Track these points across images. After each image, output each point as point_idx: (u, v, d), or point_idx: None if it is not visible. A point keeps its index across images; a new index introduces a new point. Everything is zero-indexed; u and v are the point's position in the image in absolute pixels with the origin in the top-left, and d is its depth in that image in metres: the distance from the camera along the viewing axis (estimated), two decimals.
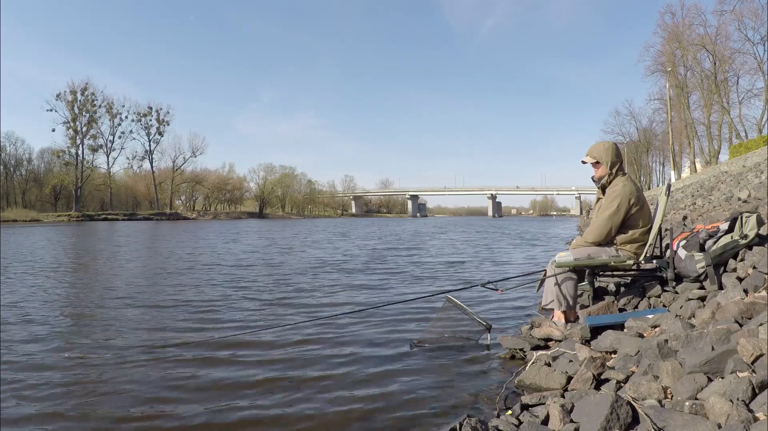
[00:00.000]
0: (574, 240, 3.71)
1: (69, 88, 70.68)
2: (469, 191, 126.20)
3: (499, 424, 1.95)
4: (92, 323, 4.41)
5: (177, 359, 3.28)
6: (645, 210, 3.49)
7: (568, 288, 3.45)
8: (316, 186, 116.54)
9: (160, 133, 79.89)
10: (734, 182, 13.87)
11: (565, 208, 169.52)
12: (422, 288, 6.37)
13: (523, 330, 3.54)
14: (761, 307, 2.26)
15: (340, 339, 3.78)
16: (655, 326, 2.78)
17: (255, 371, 3.04)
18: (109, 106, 74.09)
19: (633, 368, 2.26)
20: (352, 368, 3.08)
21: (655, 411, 1.62)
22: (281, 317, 4.61)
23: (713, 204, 9.78)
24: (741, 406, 1.47)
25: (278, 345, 3.59)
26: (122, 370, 3.06)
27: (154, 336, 3.90)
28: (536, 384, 2.46)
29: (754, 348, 1.71)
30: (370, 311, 4.64)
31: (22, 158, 74.71)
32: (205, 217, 73.89)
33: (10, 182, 71.18)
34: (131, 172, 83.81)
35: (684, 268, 3.32)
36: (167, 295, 5.84)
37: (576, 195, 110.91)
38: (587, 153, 3.60)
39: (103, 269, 8.76)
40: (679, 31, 36.55)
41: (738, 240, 3.19)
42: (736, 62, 33.17)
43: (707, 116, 36.03)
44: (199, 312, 4.84)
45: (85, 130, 71.85)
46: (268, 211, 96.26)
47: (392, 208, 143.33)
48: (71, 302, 5.48)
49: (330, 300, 5.49)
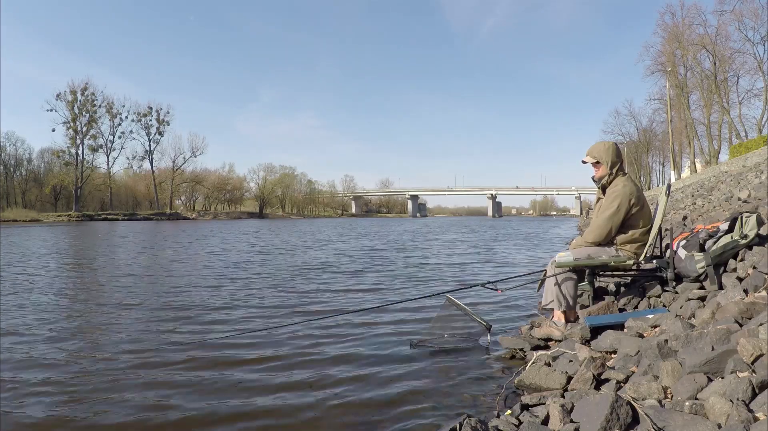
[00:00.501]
0: (574, 240, 3.71)
1: (69, 88, 71.02)
2: (469, 191, 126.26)
3: (499, 424, 1.95)
4: (93, 323, 4.40)
5: (176, 359, 3.28)
6: (645, 210, 3.49)
7: (568, 288, 3.45)
8: (316, 186, 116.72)
9: (160, 133, 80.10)
10: (734, 182, 13.87)
11: (565, 207, 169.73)
12: (422, 289, 6.37)
13: (523, 330, 3.54)
14: (761, 307, 2.26)
15: (339, 339, 3.78)
16: (655, 326, 2.78)
17: (255, 371, 3.04)
18: (109, 106, 74.30)
19: (633, 368, 2.26)
20: (352, 368, 3.08)
21: (655, 411, 1.63)
22: (281, 317, 4.60)
23: (713, 204, 9.78)
24: (741, 406, 1.47)
25: (277, 346, 3.58)
26: (123, 370, 3.06)
27: (153, 336, 3.90)
28: (536, 384, 2.47)
29: (754, 348, 1.71)
30: (369, 311, 4.64)
31: (22, 158, 74.96)
32: (205, 217, 73.92)
33: (10, 182, 71.22)
34: (131, 172, 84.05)
35: (684, 268, 3.32)
36: (167, 295, 5.83)
37: (576, 195, 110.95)
38: (587, 153, 3.60)
39: (103, 269, 8.76)
40: (679, 31, 36.58)
41: (738, 240, 3.19)
42: (736, 62, 33.26)
43: (707, 116, 36.05)
44: (196, 312, 4.83)
45: (85, 130, 71.98)
46: (268, 211, 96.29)
47: (392, 208, 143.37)
48: (71, 302, 5.48)
49: (329, 301, 5.49)
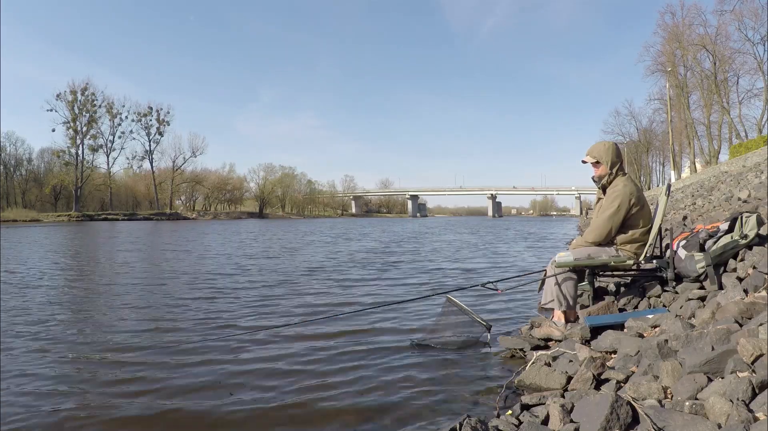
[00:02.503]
0: (574, 240, 3.71)
1: (69, 88, 70.96)
2: (469, 191, 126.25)
3: (499, 424, 1.95)
4: (93, 324, 4.41)
5: (174, 360, 3.28)
6: (645, 210, 3.49)
7: (568, 288, 3.45)
8: (316, 186, 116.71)
9: (160, 133, 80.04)
10: (734, 182, 13.87)
11: (565, 208, 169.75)
12: (422, 289, 6.37)
13: (523, 330, 3.54)
14: (761, 307, 2.26)
15: (339, 339, 3.78)
16: (655, 326, 2.78)
17: (254, 371, 3.04)
18: (110, 106, 74.22)
19: (633, 368, 2.26)
20: (352, 368, 3.08)
21: (655, 411, 1.62)
22: (280, 318, 4.61)
23: (713, 204, 9.77)
24: (741, 406, 1.47)
25: (277, 345, 3.59)
26: (125, 370, 3.06)
27: (151, 336, 3.90)
28: (536, 384, 2.47)
29: (754, 348, 1.71)
30: (369, 311, 4.64)
31: (22, 158, 74.91)
32: (205, 217, 73.90)
33: (10, 182, 71.21)
34: (131, 172, 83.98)
35: (684, 268, 3.32)
36: (166, 296, 5.84)
37: (576, 195, 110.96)
38: (587, 153, 3.60)
39: (104, 269, 8.75)
40: (679, 31, 36.57)
41: (738, 240, 3.19)
42: (736, 62, 33.25)
43: (707, 116, 36.05)
44: (194, 313, 4.83)
45: (85, 130, 71.94)
46: (268, 211, 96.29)
47: (392, 208, 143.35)
48: (71, 302, 5.48)
49: (329, 301, 5.48)
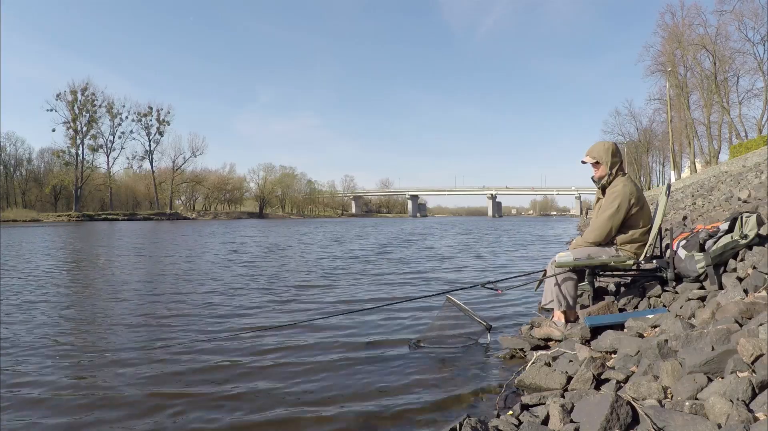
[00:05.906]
0: (574, 240, 3.71)
1: (69, 88, 70.88)
2: (469, 191, 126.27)
3: (499, 424, 1.95)
4: (93, 324, 4.41)
5: (172, 360, 3.28)
6: (645, 210, 3.49)
7: (568, 288, 3.45)
8: (316, 186, 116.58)
9: (160, 133, 79.98)
10: (734, 182, 13.87)
11: (565, 208, 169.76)
12: (422, 288, 6.36)
13: (523, 330, 3.54)
14: (761, 307, 2.26)
15: (339, 339, 3.78)
16: (655, 326, 2.78)
17: (253, 372, 3.04)
18: (110, 106, 74.17)
19: (633, 368, 2.26)
20: (352, 368, 3.08)
21: (655, 411, 1.63)
22: (280, 318, 4.61)
23: (713, 204, 9.77)
24: (741, 406, 1.47)
25: (277, 345, 3.58)
26: (125, 371, 3.06)
27: (151, 337, 3.90)
28: (536, 384, 2.46)
29: (754, 348, 1.71)
30: (369, 311, 4.64)
31: (22, 158, 74.86)
32: (205, 217, 73.89)
33: (10, 182, 71.20)
34: (131, 172, 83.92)
35: (684, 268, 3.32)
36: (165, 296, 5.83)
37: (576, 195, 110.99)
38: (587, 153, 3.60)
39: (105, 269, 8.75)
40: (679, 31, 36.56)
41: (738, 240, 3.19)
42: (736, 62, 33.25)
43: (707, 116, 36.05)
44: (192, 313, 4.83)
45: (85, 130, 71.91)
46: (268, 211, 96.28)
47: (392, 208, 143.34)
48: (72, 302, 5.48)
49: (329, 301, 5.49)
